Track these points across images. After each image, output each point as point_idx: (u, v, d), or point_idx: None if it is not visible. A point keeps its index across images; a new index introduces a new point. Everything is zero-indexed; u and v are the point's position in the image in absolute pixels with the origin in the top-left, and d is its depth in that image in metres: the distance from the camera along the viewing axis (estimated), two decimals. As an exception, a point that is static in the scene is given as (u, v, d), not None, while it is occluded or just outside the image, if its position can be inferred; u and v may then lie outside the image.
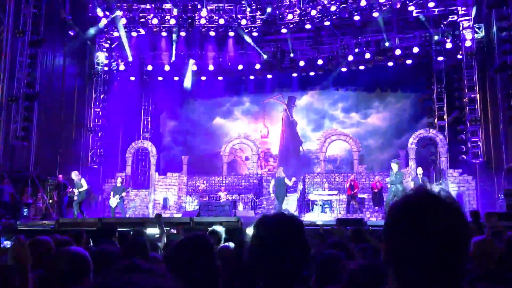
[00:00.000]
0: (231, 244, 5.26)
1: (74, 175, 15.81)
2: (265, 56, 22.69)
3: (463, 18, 19.26)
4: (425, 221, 1.18)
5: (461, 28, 19.35)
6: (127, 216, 17.30)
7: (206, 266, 2.06)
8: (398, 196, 13.65)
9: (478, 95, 18.71)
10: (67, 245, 3.43)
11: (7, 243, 3.62)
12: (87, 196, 15.69)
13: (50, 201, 18.43)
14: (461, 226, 1.20)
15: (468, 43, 18.97)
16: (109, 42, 23.07)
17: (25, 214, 16.01)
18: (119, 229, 7.45)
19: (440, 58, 20.87)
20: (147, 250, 4.41)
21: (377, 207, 17.97)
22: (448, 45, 20.15)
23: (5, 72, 16.91)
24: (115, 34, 22.35)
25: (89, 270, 2.20)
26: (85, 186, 15.47)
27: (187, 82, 23.68)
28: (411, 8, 19.80)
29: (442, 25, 20.40)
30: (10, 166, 17.17)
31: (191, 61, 23.26)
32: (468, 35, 19.06)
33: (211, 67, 23.28)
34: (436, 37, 20.55)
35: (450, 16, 19.84)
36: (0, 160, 16.64)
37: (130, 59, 22.84)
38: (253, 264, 1.66)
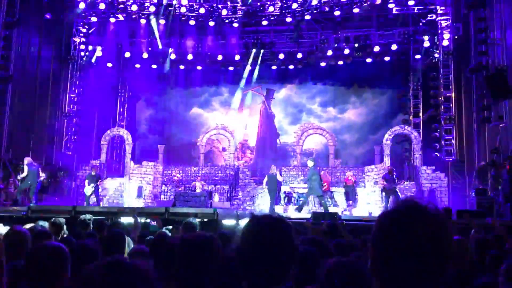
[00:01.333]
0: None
1: (26, 160, 15.34)
2: (245, 48, 22.61)
3: (441, 18, 19.52)
4: (412, 232, 1.21)
5: (439, 27, 19.61)
6: (101, 204, 17.09)
7: (210, 270, 2.06)
8: (314, 191, 14.06)
9: (453, 94, 19.05)
10: (46, 238, 3.40)
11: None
12: (31, 184, 15.19)
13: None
14: (446, 238, 1.23)
15: (445, 42, 19.27)
16: (86, 27, 22.63)
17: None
18: (94, 218, 7.37)
19: (418, 56, 21.17)
20: (124, 243, 4.40)
21: (350, 201, 18.18)
22: (426, 44, 20.42)
23: (-22, 54, 16.47)
24: (93, 19, 21.95)
25: (68, 266, 2.18)
26: (25, 173, 15.02)
27: (166, 70, 23.49)
28: (391, 5, 19.96)
29: (421, 24, 20.64)
30: (-19, 149, 16.78)
31: (170, 50, 23.04)
32: (446, 34, 19.34)
33: (190, 56, 23.10)
34: (415, 35, 20.79)
35: (429, 15, 20.08)
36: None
37: (108, 45, 22.48)
38: (241, 263, 1.68)
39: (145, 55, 23.01)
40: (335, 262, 2.40)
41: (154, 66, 23.92)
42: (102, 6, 21.23)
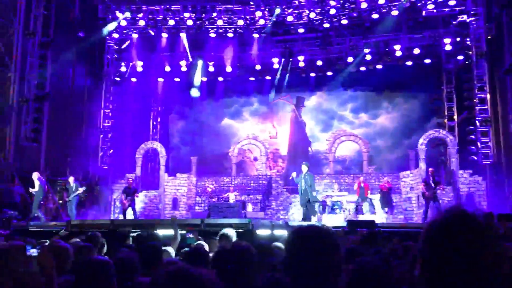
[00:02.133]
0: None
1: (34, 175, 15.35)
2: (274, 57, 22.68)
3: (473, 18, 19.14)
4: (461, 240, 1.19)
5: (471, 28, 19.24)
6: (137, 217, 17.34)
7: (248, 280, 2.07)
8: (308, 196, 13.56)
9: (488, 95, 18.59)
10: (88, 252, 3.47)
11: (33, 251, 3.65)
12: (42, 198, 15.35)
13: (60, 202, 18.56)
14: (496, 245, 1.21)
15: (478, 43, 18.86)
16: (118, 43, 23.15)
17: (36, 215, 16.12)
18: (132, 231, 7.48)
19: (450, 58, 20.78)
20: (161, 255, 4.44)
21: (386, 208, 17.92)
22: (458, 45, 20.04)
23: (15, 74, 17.05)
24: (124, 36, 22.42)
25: (114, 279, 2.22)
26: (36, 188, 15.00)
27: (196, 83, 23.74)
28: (420, 8, 19.70)
29: (451, 25, 20.29)
30: (21, 167, 17.29)
31: (200, 62, 23.30)
32: (478, 35, 18.94)
33: (220, 68, 23.31)
34: (446, 37, 20.44)
35: (460, 16, 19.72)
36: (11, 161, 16.77)
37: (139, 61, 22.93)
38: (287, 272, 1.68)
39: (175, 68, 23.34)
40: (359, 264, 2.38)
41: (185, 79, 24.23)
42: (142, 22, 21.68)
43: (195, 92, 24.15)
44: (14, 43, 17.02)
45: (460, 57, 20.39)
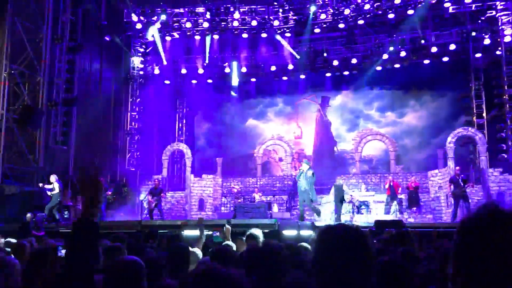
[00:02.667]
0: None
1: (52, 178, 15.20)
2: (298, 57, 22.62)
3: (502, 13, 18.73)
4: (497, 238, 1.15)
5: (499, 23, 18.83)
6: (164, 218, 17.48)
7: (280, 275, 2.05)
8: (308, 195, 12.88)
9: (518, 92, 18.17)
10: (119, 253, 3.50)
11: (64, 252, 3.72)
12: (59, 200, 15.41)
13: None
14: None
15: (507, 39, 18.44)
16: (144, 46, 23.45)
17: (65, 216, 16.42)
18: (160, 231, 7.55)
19: (478, 55, 20.38)
20: (188, 256, 4.45)
21: (414, 208, 17.67)
22: (486, 41, 19.63)
23: (44, 78, 17.40)
24: (150, 38, 22.69)
25: (144, 279, 2.23)
26: (56, 190, 14.96)
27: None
28: (447, 4, 19.39)
29: (479, 21, 19.89)
30: (51, 169, 17.63)
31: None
32: (507, 30, 18.53)
33: (244, 69, 23.37)
34: (473, 33, 20.02)
35: (488, 12, 19.32)
36: (41, 164, 17.12)
37: (165, 63, 23.16)
38: (317, 273, 1.66)
39: (200, 71, 23.49)
40: (389, 259, 2.38)
41: (209, 81, 24.37)
42: (157, 25, 21.92)
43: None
44: (43, 48, 17.37)
45: (489, 53, 19.95)
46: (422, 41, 20.62)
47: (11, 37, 16.09)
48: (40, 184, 15.28)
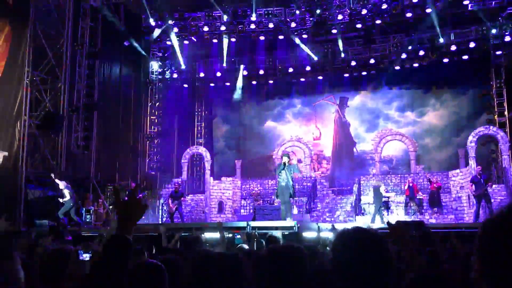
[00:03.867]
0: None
1: (62, 184, 15.40)
2: (315, 58, 22.57)
3: (523, 10, 18.44)
4: None
5: (521, 20, 18.54)
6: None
7: (300, 282, 2.03)
8: (288, 189, 11.84)
9: (541, 89, 17.85)
10: (140, 255, 3.54)
11: (86, 256, 3.78)
12: (73, 204, 15.45)
13: (111, 206, 19.08)
14: None
15: (529, 35, 18.15)
16: (162, 51, 23.66)
17: (87, 220, 16.65)
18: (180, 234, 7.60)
19: (499, 52, 20.07)
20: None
21: (435, 208, 17.47)
22: (507, 38, 19.34)
23: (65, 84, 17.66)
24: (168, 43, 22.88)
25: (166, 282, 2.26)
26: (67, 197, 15.11)
27: (238, 87, 23.91)
28: (466, 1, 19.14)
29: (500, 18, 19.60)
30: (73, 173, 17.90)
31: (242, 66, 23.46)
32: (528, 26, 18.23)
33: (261, 71, 23.41)
34: (493, 31, 19.74)
35: (509, 8, 19.03)
36: (63, 169, 17.38)
37: (183, 66, 23.32)
38: (336, 277, 1.66)
39: (218, 74, 23.61)
40: (418, 274, 2.29)
41: (227, 84, 24.47)
42: (175, 30, 22.10)
43: (237, 95, 24.39)
44: (63, 54, 17.64)
45: (510, 51, 19.64)
46: (441, 40, 20.40)
47: (32, 44, 16.38)
48: (52, 175, 15.47)
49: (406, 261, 2.73)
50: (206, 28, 22.11)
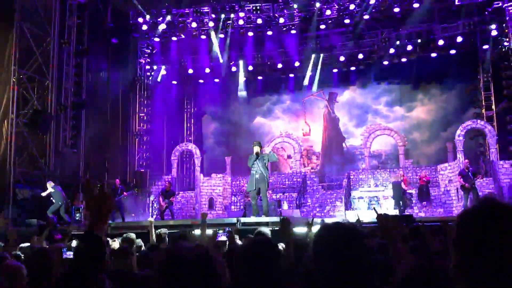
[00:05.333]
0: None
1: (48, 184, 15.35)
2: (304, 53, 22.60)
3: (509, 4, 18.56)
4: (494, 230, 1.17)
5: (507, 14, 18.66)
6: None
7: (272, 275, 2.00)
8: (263, 181, 10.82)
9: (528, 83, 18.02)
10: (125, 255, 3.54)
11: (70, 254, 3.76)
12: (62, 203, 15.28)
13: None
14: None
15: (515, 29, 18.29)
16: (150, 48, 23.53)
17: (77, 218, 16.55)
18: (169, 231, 7.60)
19: (486, 47, 20.23)
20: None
21: (424, 202, 17.60)
22: (494, 33, 19.49)
23: (53, 82, 17.53)
24: (156, 39, 22.76)
25: None
26: (48, 191, 15.06)
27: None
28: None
29: (486, 12, 19.73)
30: (61, 172, 17.79)
31: (231, 63, 23.41)
32: (515, 20, 18.37)
33: (250, 67, 23.40)
34: (480, 25, 19.89)
35: (495, 3, 19.16)
36: (52, 168, 17.26)
37: (171, 63, 23.23)
38: (316, 272, 1.67)
39: (207, 70, 23.56)
40: (413, 267, 2.30)
41: (216, 80, 24.43)
42: (162, 26, 21.98)
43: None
44: (50, 52, 17.49)
45: (497, 45, 19.80)
46: (429, 35, 20.51)
47: (19, 42, 16.23)
48: (42, 194, 15.42)
49: (395, 255, 2.74)
50: (194, 25, 22.02)
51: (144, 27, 21.94)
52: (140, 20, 21.71)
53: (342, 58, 22.36)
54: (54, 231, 11.89)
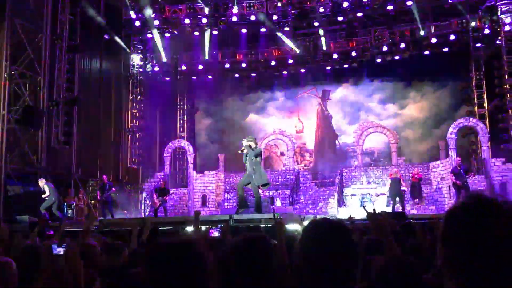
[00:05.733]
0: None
1: (40, 182, 15.32)
2: (297, 51, 22.60)
3: (501, 2, 18.64)
4: (482, 226, 1.17)
5: (499, 12, 18.75)
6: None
7: (265, 271, 1.99)
8: (252, 178, 10.75)
9: (520, 81, 18.11)
10: (118, 251, 3.53)
11: (60, 250, 3.73)
12: (56, 200, 15.18)
13: (93, 201, 18.95)
14: None
15: (507, 28, 18.38)
16: (143, 44, 23.43)
17: (69, 215, 16.50)
18: (160, 228, 7.59)
19: (478, 45, 20.31)
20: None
21: (416, 199, 17.67)
22: (486, 31, 19.59)
23: (45, 78, 17.39)
24: (149, 36, 22.67)
25: None
26: (47, 193, 15.01)
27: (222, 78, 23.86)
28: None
29: (479, 11, 19.81)
30: (53, 169, 17.69)
31: (224, 59, 23.36)
32: (507, 19, 18.45)
33: (243, 64, 23.37)
34: (473, 23, 19.96)
35: (488, 1, 19.25)
36: (44, 164, 17.16)
37: (164, 60, 23.14)
38: (302, 268, 1.68)
39: (200, 67, 23.50)
40: (386, 260, 2.34)
41: (209, 77, 24.36)
42: (156, 22, 21.89)
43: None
44: (42, 48, 17.36)
45: (489, 43, 19.89)
46: (422, 33, 20.58)
47: (10, 37, 16.09)
48: (43, 196, 15.35)
49: (388, 252, 2.77)
50: (187, 21, 21.95)
51: (137, 23, 21.83)
52: (133, 15, 21.60)
53: (335, 56, 22.38)
54: (46, 228, 11.84)
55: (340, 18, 21.17)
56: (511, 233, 1.17)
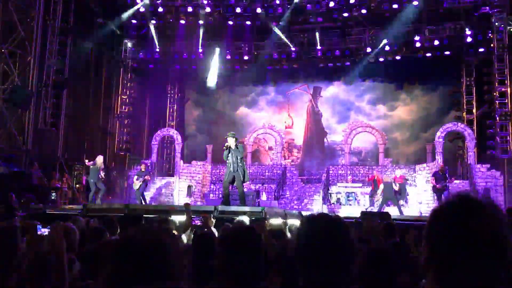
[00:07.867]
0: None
1: (98, 159, 15.28)
2: (291, 46, 22.57)
3: (496, 10, 18.78)
4: (467, 224, 1.18)
5: (493, 20, 18.89)
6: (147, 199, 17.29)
7: (254, 261, 2.02)
8: (239, 175, 10.69)
9: (508, 89, 18.30)
10: (102, 233, 3.51)
11: (45, 231, 3.71)
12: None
13: (77, 185, 18.82)
14: (502, 231, 1.20)
15: (500, 36, 18.53)
16: (136, 30, 23.24)
17: (53, 198, 16.37)
18: (145, 216, 7.56)
19: (471, 51, 20.45)
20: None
21: (401, 201, 17.77)
22: (479, 38, 19.71)
23: (35, 58, 17.19)
24: (143, 22, 22.48)
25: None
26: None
27: (213, 72, 23.69)
28: (442, -1, 19.41)
29: (473, 17, 19.94)
30: (39, 151, 17.52)
31: (217, 50, 23.26)
32: (500, 27, 18.60)
33: (236, 57, 23.28)
34: (467, 29, 20.09)
35: (482, 8, 19.37)
36: (30, 146, 17.00)
37: (157, 47, 22.99)
38: (298, 260, 1.69)
39: (192, 57, 23.37)
40: (371, 248, 2.52)
41: (201, 67, 24.23)
42: (150, 10, 21.72)
43: (211, 82, 23.98)
44: (34, 28, 17.13)
45: (481, 50, 20.04)
46: (416, 36, 20.64)
47: (1, 16, 15.87)
48: (86, 161, 15.23)
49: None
50: (182, 10, 21.81)
51: (131, 9, 21.63)
52: (128, 1, 21.39)
53: (328, 53, 22.40)
54: (15, 209, 11.75)
55: (335, 16, 21.17)
56: (494, 232, 1.19)
